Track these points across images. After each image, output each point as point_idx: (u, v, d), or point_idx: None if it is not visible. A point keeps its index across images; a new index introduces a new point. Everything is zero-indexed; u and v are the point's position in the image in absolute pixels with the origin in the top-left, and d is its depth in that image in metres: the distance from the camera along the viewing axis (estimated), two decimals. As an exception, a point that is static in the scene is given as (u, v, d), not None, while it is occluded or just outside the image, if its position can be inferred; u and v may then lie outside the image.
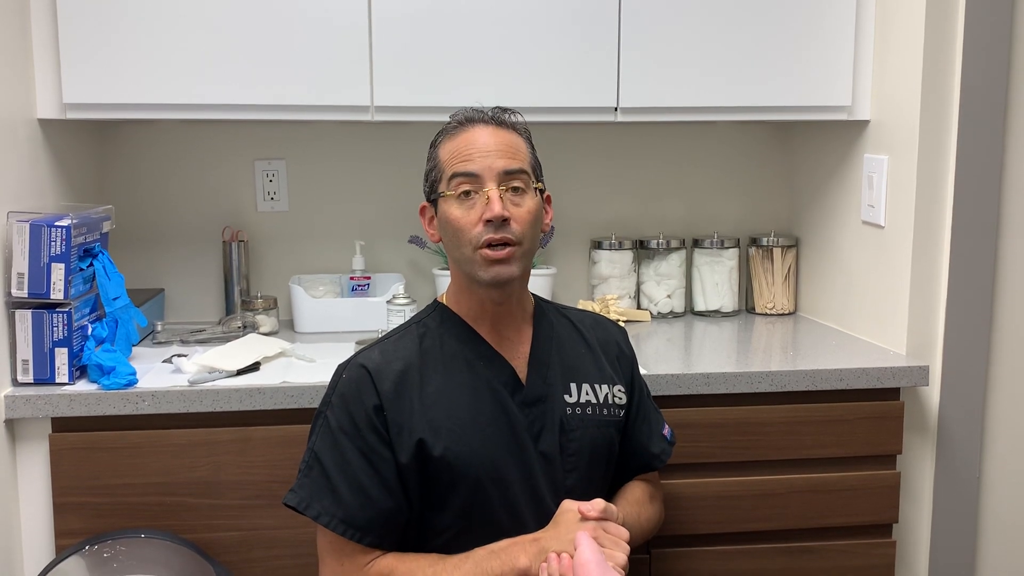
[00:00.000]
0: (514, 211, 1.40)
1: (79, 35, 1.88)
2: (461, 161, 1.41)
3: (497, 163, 1.40)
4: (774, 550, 1.91)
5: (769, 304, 2.45)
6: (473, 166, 1.40)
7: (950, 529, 2.04)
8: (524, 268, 1.44)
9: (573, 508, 1.38)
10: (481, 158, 1.40)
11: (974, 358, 2.00)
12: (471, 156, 1.41)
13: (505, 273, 1.40)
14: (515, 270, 1.41)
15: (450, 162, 1.42)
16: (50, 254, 1.73)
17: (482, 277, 1.41)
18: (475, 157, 1.40)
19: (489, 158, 1.40)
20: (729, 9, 2.05)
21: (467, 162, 1.40)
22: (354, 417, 1.39)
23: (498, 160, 1.40)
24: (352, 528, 1.38)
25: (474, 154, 1.41)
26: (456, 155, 1.42)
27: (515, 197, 1.41)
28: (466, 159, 1.41)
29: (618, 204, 2.49)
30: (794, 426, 1.89)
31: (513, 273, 1.41)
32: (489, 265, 1.40)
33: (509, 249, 1.40)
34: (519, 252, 1.41)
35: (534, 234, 1.44)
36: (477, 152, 1.41)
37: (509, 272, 1.41)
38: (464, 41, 1.99)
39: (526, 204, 1.42)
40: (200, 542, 1.77)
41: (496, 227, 1.38)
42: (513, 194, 1.41)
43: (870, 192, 2.11)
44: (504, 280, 1.41)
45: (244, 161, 2.36)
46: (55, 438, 1.74)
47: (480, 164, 1.40)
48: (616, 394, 1.54)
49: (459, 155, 1.42)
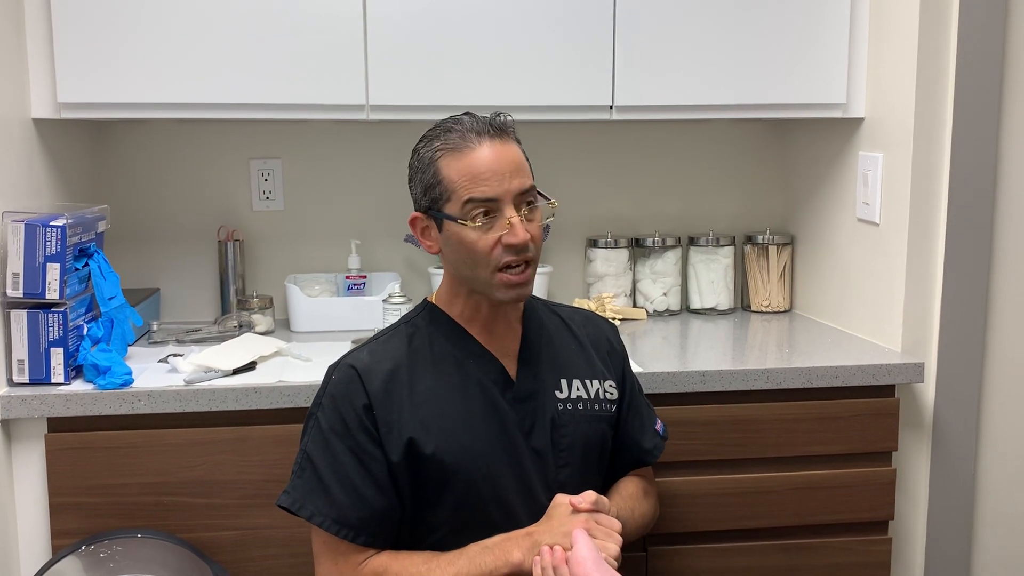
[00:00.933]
0: (530, 229, 1.41)
1: (74, 35, 1.88)
2: (478, 186, 1.38)
3: (513, 185, 1.39)
4: (771, 547, 1.91)
5: (765, 302, 2.45)
6: (491, 191, 1.38)
7: (946, 525, 2.05)
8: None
9: (565, 502, 1.39)
10: (497, 182, 1.38)
11: (969, 355, 2.01)
12: (487, 180, 1.38)
13: (525, 293, 1.44)
14: (532, 287, 1.45)
15: (463, 185, 1.38)
16: (45, 254, 1.73)
17: (501, 298, 1.42)
18: (491, 181, 1.38)
19: (504, 181, 1.38)
20: (724, 7, 2.05)
21: (484, 187, 1.38)
22: (344, 417, 1.40)
23: (513, 181, 1.39)
24: (345, 528, 1.38)
25: (490, 178, 1.38)
26: (469, 178, 1.38)
27: (529, 214, 1.42)
28: (482, 183, 1.38)
29: (614, 202, 2.49)
30: (790, 423, 1.89)
31: (531, 291, 1.45)
32: (510, 288, 1.41)
33: (528, 271, 1.42)
34: (534, 270, 1.44)
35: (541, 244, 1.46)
36: (492, 175, 1.38)
37: (528, 291, 1.44)
38: (459, 40, 1.99)
39: (536, 219, 1.43)
40: (197, 542, 1.77)
41: (518, 251, 1.39)
42: (528, 211, 1.42)
43: (865, 189, 2.11)
44: (523, 299, 1.45)
45: (239, 160, 2.36)
46: (51, 438, 1.74)
47: (497, 188, 1.38)
48: (607, 389, 1.55)
49: (473, 178, 1.38)
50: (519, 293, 1.42)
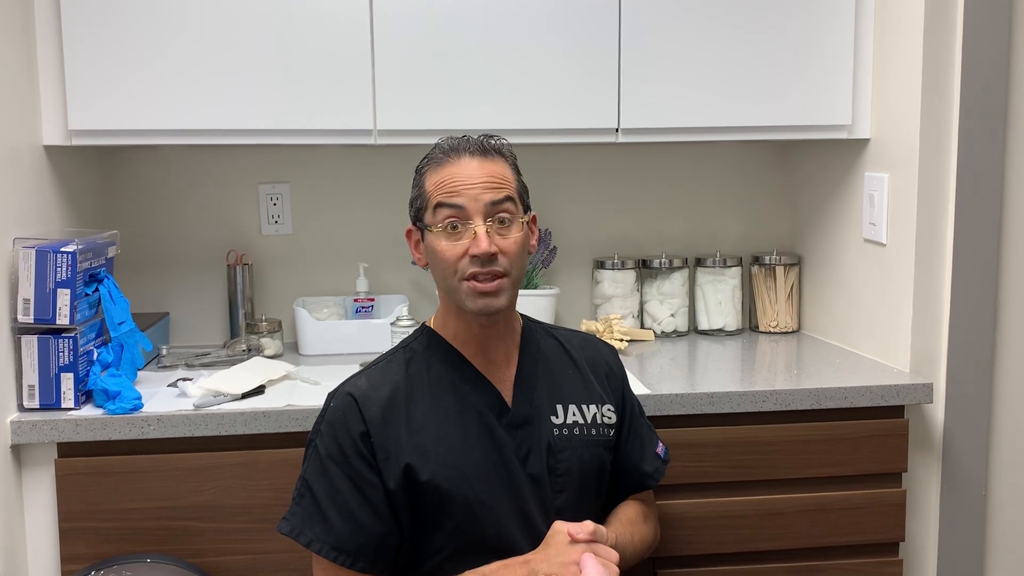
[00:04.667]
0: (501, 243, 1.40)
1: (84, 63, 1.90)
2: (446, 193, 1.40)
3: (483, 196, 1.40)
4: (780, 570, 1.90)
5: (772, 322, 2.45)
6: (459, 199, 1.40)
7: (957, 546, 2.03)
8: (512, 298, 1.45)
9: (563, 530, 1.38)
10: (467, 191, 1.40)
11: (978, 375, 2.00)
12: (457, 189, 1.40)
13: (494, 305, 1.41)
14: (503, 301, 1.42)
15: (435, 193, 1.42)
16: (56, 280, 1.74)
17: (470, 307, 1.41)
18: (461, 190, 1.40)
19: (475, 191, 1.40)
20: (729, 30, 2.07)
21: (453, 195, 1.40)
22: (342, 445, 1.40)
23: (484, 193, 1.40)
24: (343, 554, 1.39)
25: (460, 187, 1.40)
26: (441, 186, 1.41)
27: (501, 228, 1.41)
28: (451, 192, 1.40)
29: (620, 224, 2.50)
30: (799, 445, 1.88)
31: (501, 304, 1.42)
32: (477, 297, 1.40)
33: (497, 282, 1.40)
34: (507, 283, 1.42)
35: (522, 263, 1.44)
36: (463, 184, 1.40)
37: (497, 304, 1.41)
38: (465, 64, 2.01)
39: (512, 234, 1.42)
40: (206, 566, 1.77)
41: (483, 262, 1.39)
42: (500, 225, 1.41)
43: (871, 210, 2.12)
44: (492, 311, 1.42)
45: (248, 185, 2.37)
46: (61, 463, 1.74)
47: (466, 197, 1.40)
48: (605, 414, 1.54)
49: (444, 187, 1.41)
50: (487, 303, 1.40)
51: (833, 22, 2.09)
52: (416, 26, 1.99)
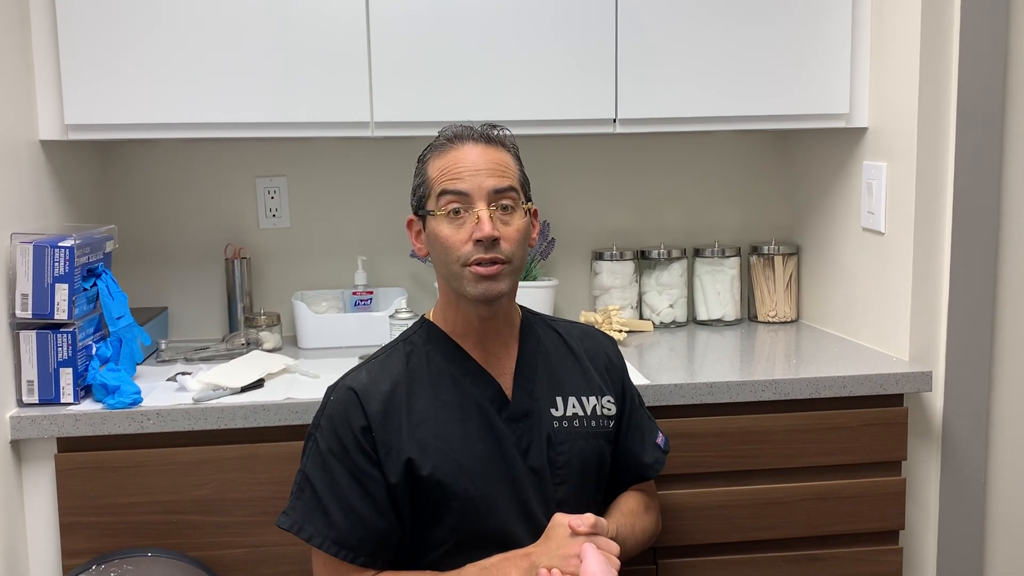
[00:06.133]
0: (503, 230, 1.40)
1: (80, 56, 1.90)
2: (450, 179, 1.41)
3: (487, 182, 1.40)
4: (780, 559, 1.91)
5: (771, 312, 2.45)
6: (463, 185, 1.40)
7: (957, 534, 2.04)
8: (512, 285, 1.44)
9: (564, 523, 1.38)
10: (471, 177, 1.40)
11: (977, 362, 2.01)
12: (460, 175, 1.41)
13: (494, 290, 1.41)
14: (504, 287, 1.41)
15: (439, 179, 1.42)
16: (54, 275, 1.74)
17: (470, 293, 1.41)
18: (464, 176, 1.40)
19: (479, 177, 1.40)
20: (726, 19, 2.06)
21: (456, 180, 1.40)
22: (343, 439, 1.40)
23: (488, 179, 1.40)
24: (344, 549, 1.39)
25: (464, 172, 1.41)
26: (445, 173, 1.42)
27: (504, 215, 1.41)
28: (455, 177, 1.41)
29: (618, 215, 2.50)
30: (798, 434, 1.89)
31: (502, 290, 1.41)
32: (478, 281, 1.40)
33: (498, 266, 1.40)
34: (508, 270, 1.42)
35: (523, 252, 1.44)
36: (467, 171, 1.41)
37: (498, 289, 1.41)
38: (462, 56, 2.00)
39: (515, 223, 1.42)
40: (207, 560, 1.77)
41: (486, 247, 1.39)
42: (502, 212, 1.41)
43: (870, 199, 2.12)
44: (493, 296, 1.41)
45: (245, 178, 2.37)
46: (61, 458, 1.74)
47: (470, 183, 1.40)
48: (605, 405, 1.54)
49: (448, 173, 1.41)
50: (488, 287, 1.40)
51: (830, 10, 2.08)
52: (412, 17, 1.98)
